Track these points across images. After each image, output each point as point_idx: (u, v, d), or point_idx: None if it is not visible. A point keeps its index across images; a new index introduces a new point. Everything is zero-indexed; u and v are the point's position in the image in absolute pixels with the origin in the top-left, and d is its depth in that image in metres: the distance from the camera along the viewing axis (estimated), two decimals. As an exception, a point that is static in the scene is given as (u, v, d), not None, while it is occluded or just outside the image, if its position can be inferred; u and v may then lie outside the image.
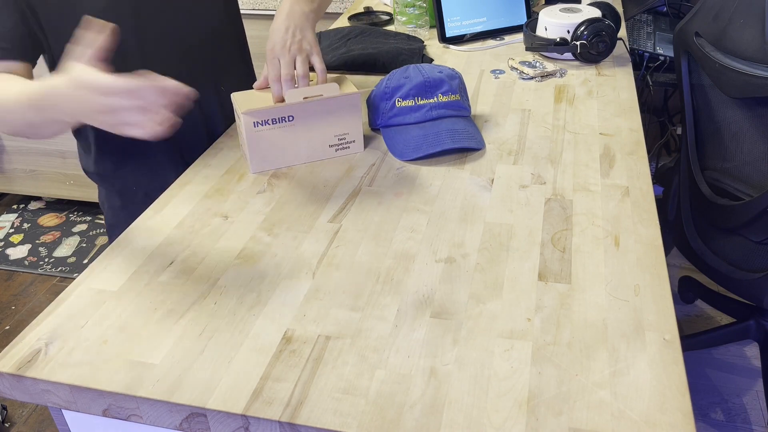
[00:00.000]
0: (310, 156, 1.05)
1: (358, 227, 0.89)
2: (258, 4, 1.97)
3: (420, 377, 0.66)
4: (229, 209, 0.94)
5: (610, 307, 0.74)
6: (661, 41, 1.85)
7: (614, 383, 0.65)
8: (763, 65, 1.19)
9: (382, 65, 1.36)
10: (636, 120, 1.14)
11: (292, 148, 1.03)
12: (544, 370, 0.66)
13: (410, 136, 1.06)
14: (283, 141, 1.01)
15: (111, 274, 0.82)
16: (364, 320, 0.73)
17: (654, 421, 0.61)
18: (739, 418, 1.64)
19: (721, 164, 1.38)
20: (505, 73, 1.37)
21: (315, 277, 0.80)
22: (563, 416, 0.61)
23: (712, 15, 1.32)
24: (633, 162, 1.01)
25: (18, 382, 0.68)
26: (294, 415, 0.62)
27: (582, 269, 0.80)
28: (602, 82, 1.30)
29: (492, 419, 0.61)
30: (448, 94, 1.08)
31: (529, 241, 0.85)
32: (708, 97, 1.38)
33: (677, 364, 0.66)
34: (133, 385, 0.66)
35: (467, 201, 0.94)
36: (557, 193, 0.94)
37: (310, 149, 1.04)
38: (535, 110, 1.19)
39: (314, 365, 0.68)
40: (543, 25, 1.42)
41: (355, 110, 1.04)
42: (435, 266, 0.81)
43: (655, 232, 0.85)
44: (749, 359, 1.81)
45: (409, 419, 0.62)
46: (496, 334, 0.71)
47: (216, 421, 0.64)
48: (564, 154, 1.04)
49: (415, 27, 1.55)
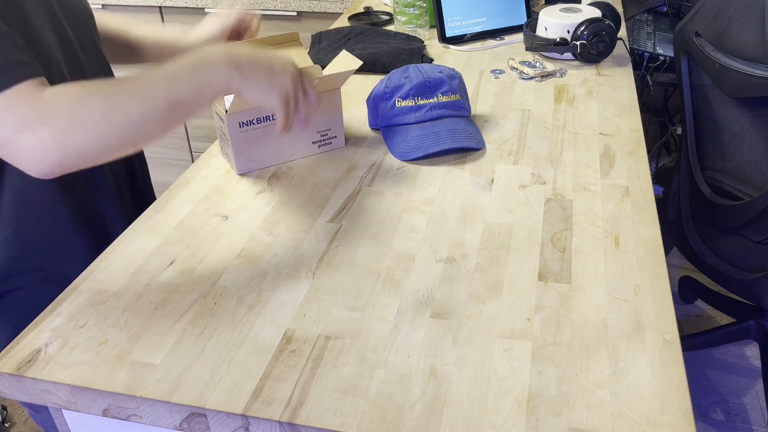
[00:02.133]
0: (293, 153, 1.05)
1: (358, 227, 0.89)
2: (258, 4, 1.97)
3: (420, 377, 0.66)
4: (229, 209, 0.94)
5: (610, 307, 0.74)
6: (661, 41, 1.85)
7: (614, 383, 0.65)
8: (763, 65, 1.19)
9: (382, 65, 1.36)
10: (636, 120, 1.14)
11: (277, 146, 1.03)
12: (544, 370, 0.66)
13: (410, 136, 1.06)
14: (267, 139, 1.01)
15: (111, 274, 0.82)
16: (364, 320, 0.73)
17: (654, 421, 0.61)
18: (739, 418, 1.64)
19: (721, 164, 1.38)
20: (505, 73, 1.37)
21: (315, 277, 0.80)
22: (563, 416, 0.61)
23: (712, 15, 1.32)
24: (633, 162, 1.01)
25: (18, 382, 0.68)
26: (294, 415, 0.62)
27: (582, 269, 0.80)
28: (602, 82, 1.30)
29: (492, 419, 0.61)
30: (448, 94, 1.08)
31: (529, 241, 0.85)
32: (708, 97, 1.38)
33: (677, 364, 0.66)
34: (133, 385, 0.66)
35: (467, 201, 0.94)
36: (557, 193, 0.94)
37: (293, 147, 1.05)
38: (535, 110, 1.19)
39: (314, 365, 0.68)
40: (543, 25, 1.42)
41: (336, 106, 1.05)
42: (435, 266, 0.81)
43: (655, 232, 0.85)
44: (749, 359, 1.81)
45: (409, 419, 0.62)
46: (496, 334, 0.71)
47: (216, 421, 0.64)
48: (564, 154, 1.04)
49: (415, 27, 1.55)
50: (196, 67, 0.76)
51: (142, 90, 0.73)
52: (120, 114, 0.71)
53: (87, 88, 0.72)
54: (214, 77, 0.76)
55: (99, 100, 0.72)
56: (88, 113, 0.71)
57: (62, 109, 0.70)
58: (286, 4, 1.94)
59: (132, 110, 0.72)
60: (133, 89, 0.73)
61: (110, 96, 0.72)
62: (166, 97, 0.74)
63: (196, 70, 0.76)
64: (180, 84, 0.75)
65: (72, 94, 0.71)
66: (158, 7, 2.03)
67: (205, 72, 0.76)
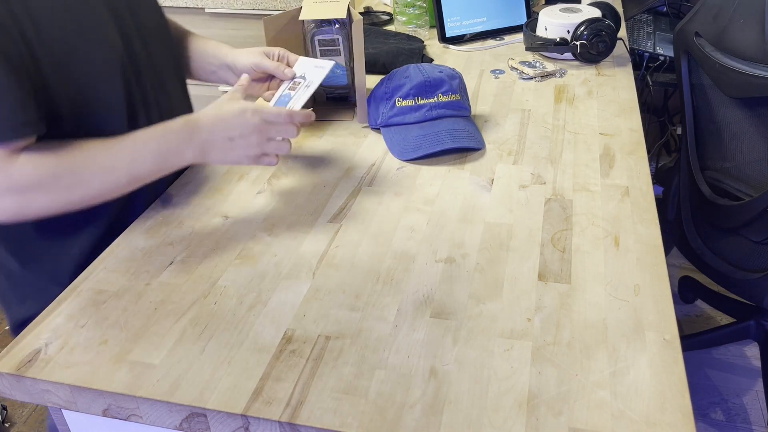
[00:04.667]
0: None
1: (358, 227, 0.89)
2: (258, 4, 1.97)
3: (420, 377, 0.66)
4: (229, 209, 0.94)
5: (610, 307, 0.74)
6: (661, 41, 1.85)
7: (614, 383, 0.65)
8: (763, 65, 1.19)
9: (382, 65, 1.36)
10: (636, 120, 1.14)
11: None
12: (544, 370, 0.66)
13: (410, 136, 1.06)
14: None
15: (111, 274, 0.82)
16: (364, 320, 0.73)
17: (654, 421, 0.61)
18: (739, 418, 1.64)
19: (721, 164, 1.38)
20: (505, 73, 1.37)
21: (315, 277, 0.80)
22: (563, 416, 0.61)
23: (712, 15, 1.32)
24: (633, 162, 1.01)
25: (18, 382, 0.68)
26: (294, 415, 0.62)
27: (582, 269, 0.80)
28: (602, 82, 1.30)
29: (492, 419, 0.61)
30: (449, 94, 1.08)
31: (529, 241, 0.85)
32: (708, 97, 1.38)
33: (677, 364, 0.66)
34: (133, 385, 0.66)
35: (467, 201, 0.94)
36: (557, 193, 0.94)
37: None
38: (535, 110, 1.19)
39: (314, 365, 0.68)
40: (543, 25, 1.42)
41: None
42: (435, 266, 0.81)
43: (655, 232, 0.85)
44: (749, 359, 1.81)
45: (409, 419, 0.62)
46: (496, 334, 0.71)
47: (216, 421, 0.64)
48: (564, 154, 1.04)
49: (415, 27, 1.55)
50: (159, 147, 0.81)
51: (107, 166, 0.79)
52: (83, 189, 0.78)
53: (60, 161, 0.76)
54: (176, 158, 0.83)
55: (66, 176, 0.77)
56: (53, 188, 0.76)
57: (31, 181, 0.75)
58: (286, 4, 1.94)
59: (94, 185, 0.78)
60: (99, 165, 0.78)
61: (77, 171, 0.77)
62: (129, 174, 0.80)
63: (159, 151, 0.81)
64: (143, 164, 0.80)
65: (44, 167, 0.75)
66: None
67: (168, 155, 0.82)
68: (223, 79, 1.06)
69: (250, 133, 0.84)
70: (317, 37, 1.12)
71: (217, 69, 1.06)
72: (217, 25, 2.04)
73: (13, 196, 0.75)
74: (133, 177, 0.80)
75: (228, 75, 1.05)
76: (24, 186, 0.75)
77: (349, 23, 1.11)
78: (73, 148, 0.78)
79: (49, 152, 0.76)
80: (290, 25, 1.13)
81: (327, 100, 1.23)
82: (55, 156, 0.76)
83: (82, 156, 0.78)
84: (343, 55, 1.14)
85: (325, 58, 1.14)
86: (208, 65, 1.07)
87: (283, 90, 0.97)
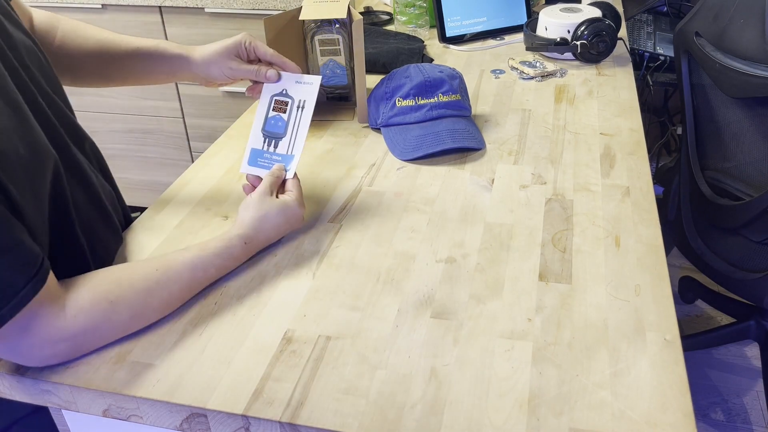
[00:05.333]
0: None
1: (358, 227, 0.89)
2: (258, 4, 1.96)
3: (420, 377, 0.66)
4: (229, 209, 0.94)
5: (610, 307, 0.74)
6: (661, 41, 1.85)
7: (615, 383, 0.65)
8: (763, 65, 1.19)
9: (382, 65, 1.36)
10: (636, 120, 1.14)
11: None
12: (545, 371, 0.66)
13: (410, 136, 1.06)
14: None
15: (111, 274, 0.82)
16: (365, 320, 0.73)
17: (655, 421, 0.61)
18: (739, 418, 1.64)
19: (721, 164, 1.38)
20: (506, 73, 1.37)
21: (315, 277, 0.80)
22: (564, 416, 0.61)
23: (712, 15, 1.32)
24: (633, 162, 1.01)
25: (18, 382, 0.68)
26: (294, 415, 0.62)
27: (582, 269, 0.80)
28: (602, 82, 1.30)
29: (492, 419, 0.61)
30: (449, 94, 1.08)
31: (530, 241, 0.85)
32: (708, 97, 1.38)
33: (678, 364, 0.66)
34: (133, 386, 0.66)
35: (467, 201, 0.94)
36: (558, 193, 0.94)
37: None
38: (535, 110, 1.19)
39: (315, 365, 0.68)
40: (543, 24, 1.42)
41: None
42: (435, 266, 0.81)
43: (656, 232, 0.85)
44: (749, 359, 1.81)
45: (409, 419, 0.61)
46: (496, 335, 0.71)
47: (216, 422, 0.64)
48: (564, 154, 1.04)
49: (415, 27, 1.55)
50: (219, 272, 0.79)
51: (165, 300, 0.73)
52: (140, 323, 0.72)
53: (116, 297, 0.69)
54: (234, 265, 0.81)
55: (125, 312, 0.69)
56: (112, 328, 0.69)
57: (88, 328, 0.67)
58: (286, 4, 1.93)
59: (151, 318, 0.73)
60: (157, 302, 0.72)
61: (136, 313, 0.71)
62: (190, 294, 0.77)
63: (219, 273, 0.79)
64: (201, 287, 0.78)
65: (98, 307, 0.68)
66: (158, 7, 2.03)
67: (228, 270, 0.80)
68: (185, 81, 0.97)
69: (296, 221, 0.86)
70: (317, 37, 1.12)
71: (177, 71, 0.95)
72: (217, 25, 2.04)
73: (68, 342, 0.67)
74: (193, 291, 0.77)
75: (193, 79, 0.96)
76: (80, 333, 0.67)
77: (349, 23, 1.11)
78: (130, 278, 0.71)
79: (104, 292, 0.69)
80: (290, 25, 1.13)
81: (327, 100, 1.23)
82: (109, 297, 0.68)
83: (141, 285, 0.71)
84: (343, 55, 1.14)
85: (324, 58, 1.14)
86: (162, 73, 0.96)
87: (269, 109, 0.89)
